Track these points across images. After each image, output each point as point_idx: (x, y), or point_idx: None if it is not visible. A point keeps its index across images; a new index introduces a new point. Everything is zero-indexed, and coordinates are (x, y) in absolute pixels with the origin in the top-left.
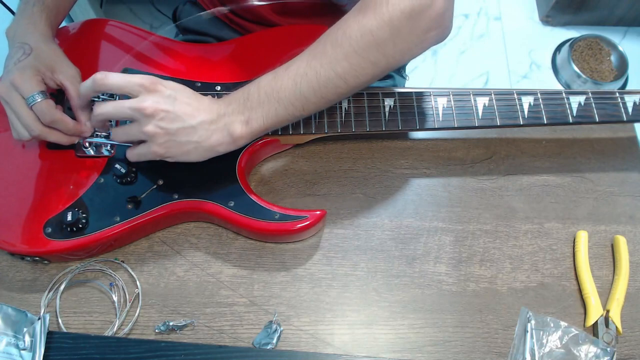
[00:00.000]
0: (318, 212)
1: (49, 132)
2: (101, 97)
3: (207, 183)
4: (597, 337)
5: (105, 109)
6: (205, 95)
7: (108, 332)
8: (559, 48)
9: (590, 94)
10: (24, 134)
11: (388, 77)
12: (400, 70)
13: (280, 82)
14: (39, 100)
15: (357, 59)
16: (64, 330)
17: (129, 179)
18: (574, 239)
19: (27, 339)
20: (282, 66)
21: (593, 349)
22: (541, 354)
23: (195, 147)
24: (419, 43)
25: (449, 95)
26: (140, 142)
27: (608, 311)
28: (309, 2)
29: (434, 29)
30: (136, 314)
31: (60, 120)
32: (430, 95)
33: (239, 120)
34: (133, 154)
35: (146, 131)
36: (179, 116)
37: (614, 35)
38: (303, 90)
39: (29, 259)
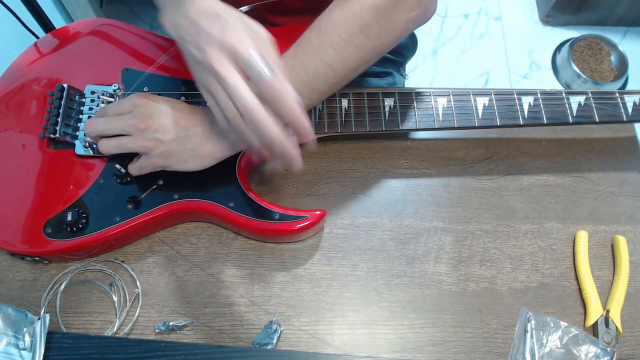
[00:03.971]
0: (318, 212)
1: None
2: (100, 104)
3: (207, 183)
4: (597, 337)
5: (98, 126)
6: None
7: (108, 332)
8: (559, 48)
9: (590, 94)
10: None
11: (388, 74)
12: (400, 69)
13: None
14: None
15: (342, 44)
16: (64, 330)
17: (129, 179)
18: (574, 239)
19: (27, 339)
20: None
21: (593, 349)
22: (541, 354)
23: (192, 155)
24: (403, 23)
25: (449, 95)
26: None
27: (608, 311)
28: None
29: (416, 8)
30: (136, 314)
31: None
32: (430, 95)
33: None
34: (134, 168)
35: (142, 145)
36: (171, 127)
37: (614, 35)
38: (292, 83)
39: (29, 259)
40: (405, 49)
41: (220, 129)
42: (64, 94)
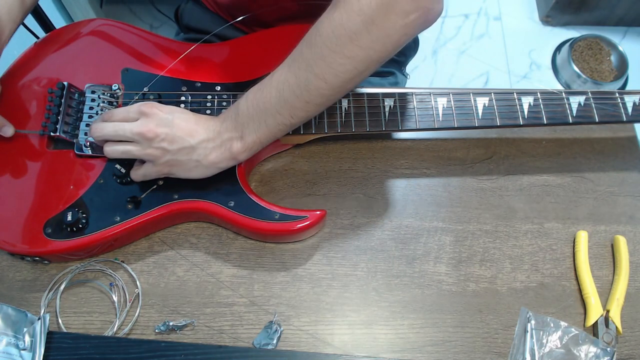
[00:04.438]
0: (318, 212)
1: None
2: (101, 104)
3: (207, 183)
4: (597, 337)
5: (106, 130)
6: (205, 95)
7: (108, 332)
8: (559, 48)
9: (590, 94)
10: None
11: (390, 74)
12: (402, 69)
13: (266, 92)
14: None
15: (332, 56)
16: (64, 330)
17: (129, 179)
18: (574, 239)
19: (27, 339)
20: (268, 76)
21: (593, 349)
22: (541, 354)
23: (196, 165)
24: (399, 29)
25: (449, 95)
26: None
27: (608, 311)
28: (306, 6)
29: (413, 12)
30: (136, 314)
31: None
32: (430, 95)
33: (234, 136)
34: (138, 175)
35: (149, 154)
36: (178, 137)
37: (614, 35)
38: (286, 97)
39: (29, 259)
40: (407, 48)
41: (224, 138)
42: (64, 92)
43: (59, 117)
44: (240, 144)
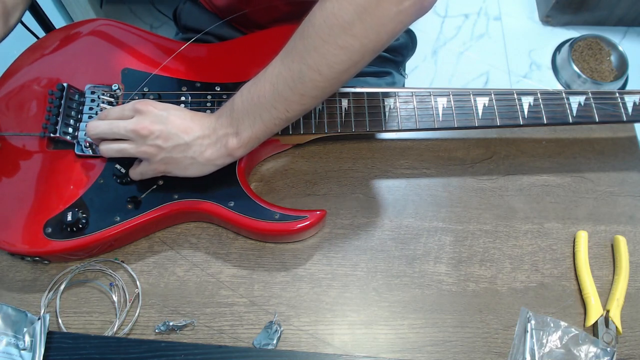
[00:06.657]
0: (318, 212)
1: None
2: (100, 104)
3: (207, 183)
4: (597, 337)
5: (100, 128)
6: (205, 95)
7: (108, 332)
8: (559, 48)
9: (590, 94)
10: None
11: (387, 74)
12: (399, 69)
13: (260, 86)
14: None
15: (325, 46)
16: (64, 330)
17: (129, 179)
18: (574, 239)
19: (27, 339)
20: (262, 70)
21: (593, 349)
22: (541, 354)
23: (192, 162)
24: (394, 17)
25: (449, 95)
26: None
27: (608, 311)
28: (299, 7)
29: None
30: (136, 314)
31: None
32: (430, 95)
33: (230, 132)
34: (136, 173)
35: (143, 151)
36: (172, 134)
37: (614, 35)
38: (281, 90)
39: (29, 259)
40: (404, 48)
41: (219, 134)
42: (64, 93)
43: (58, 118)
44: (235, 140)
